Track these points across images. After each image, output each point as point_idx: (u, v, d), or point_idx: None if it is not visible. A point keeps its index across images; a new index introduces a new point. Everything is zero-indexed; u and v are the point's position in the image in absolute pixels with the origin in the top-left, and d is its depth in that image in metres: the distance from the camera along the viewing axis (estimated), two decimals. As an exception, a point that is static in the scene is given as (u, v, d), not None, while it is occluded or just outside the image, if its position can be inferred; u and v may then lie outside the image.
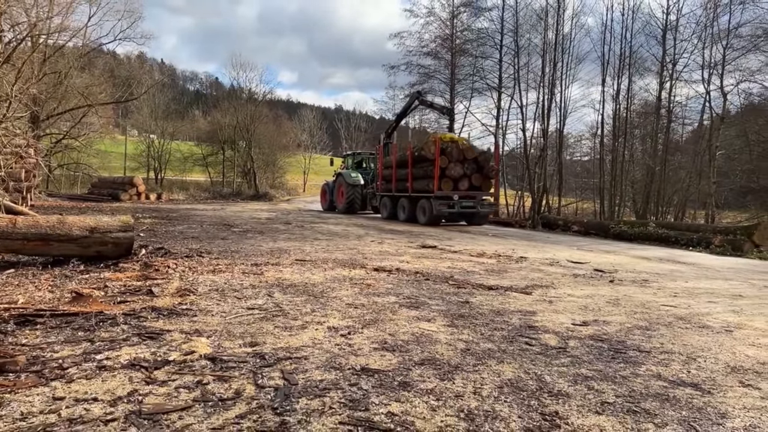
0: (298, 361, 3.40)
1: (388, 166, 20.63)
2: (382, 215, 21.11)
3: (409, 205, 18.65)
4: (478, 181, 17.61)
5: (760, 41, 21.77)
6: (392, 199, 20.14)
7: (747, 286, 7.39)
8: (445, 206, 16.89)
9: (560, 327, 4.58)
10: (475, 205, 17.52)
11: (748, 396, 3.12)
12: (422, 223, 17.59)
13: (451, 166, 17.03)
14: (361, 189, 23.53)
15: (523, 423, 2.63)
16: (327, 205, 25.92)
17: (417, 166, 18.18)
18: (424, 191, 17.54)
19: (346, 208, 23.51)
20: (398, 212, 19.52)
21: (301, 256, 8.58)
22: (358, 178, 23.67)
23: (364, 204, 23.62)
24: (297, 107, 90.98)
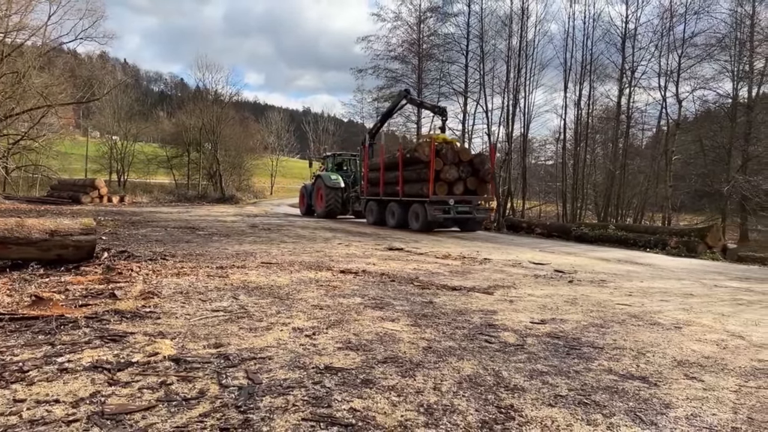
0: (262, 361, 3.44)
1: (375, 168, 19.35)
2: (367, 221, 19.80)
3: (400, 210, 17.53)
4: (474, 184, 16.67)
5: (714, 50, 22.66)
6: (380, 204, 18.95)
7: (698, 285, 7.72)
8: (440, 211, 15.87)
9: (519, 325, 4.73)
10: (471, 211, 16.57)
11: (692, 387, 3.30)
12: (415, 229, 16.61)
13: (446, 168, 16.01)
14: (341, 192, 22.35)
15: (479, 416, 2.74)
16: (305, 210, 24.72)
17: (408, 169, 17.14)
18: (417, 195, 16.53)
19: (326, 213, 22.38)
20: (387, 218, 18.34)
21: (267, 258, 8.58)
22: (338, 180, 22.39)
23: (344, 208, 22.57)
24: (264, 109, 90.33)
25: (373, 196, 19.44)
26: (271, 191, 62.06)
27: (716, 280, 8.39)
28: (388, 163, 18.42)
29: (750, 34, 24.27)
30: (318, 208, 23.10)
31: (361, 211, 20.85)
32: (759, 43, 24.08)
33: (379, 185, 18.69)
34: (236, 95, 51.26)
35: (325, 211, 22.32)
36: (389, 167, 18.30)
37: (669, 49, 23.45)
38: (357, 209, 21.59)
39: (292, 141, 72.00)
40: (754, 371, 3.68)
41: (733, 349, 4.23)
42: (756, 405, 3.05)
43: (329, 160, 24.92)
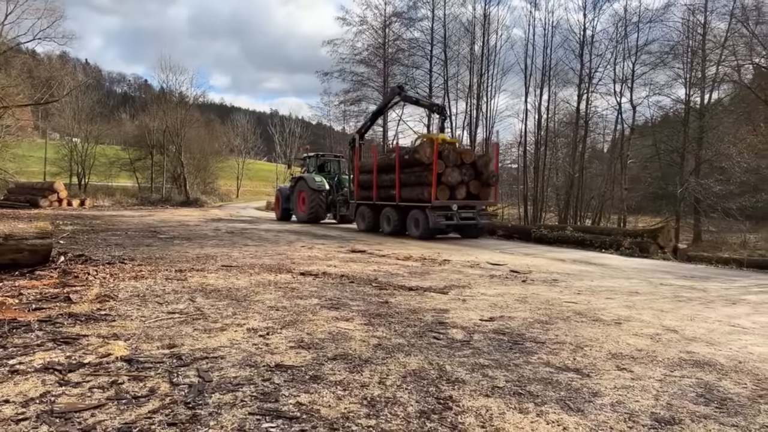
0: (214, 361, 3.54)
1: (367, 170, 17.81)
2: (358, 227, 18.27)
3: (397, 216, 16.15)
4: (477, 188, 15.50)
5: (667, 58, 23.52)
6: (373, 209, 17.39)
7: (645, 284, 8.07)
8: (443, 218, 14.71)
9: (468, 323, 4.93)
10: (474, 216, 15.45)
11: (621, 378, 3.53)
12: (415, 236, 15.34)
13: (447, 171, 14.76)
14: (326, 195, 20.97)
15: (419, 407, 2.91)
16: (282, 214, 23.25)
17: (406, 171, 15.75)
18: (417, 200, 15.19)
19: (310, 217, 20.90)
20: (381, 224, 16.88)
21: (228, 262, 8.62)
22: (323, 183, 20.98)
23: (329, 212, 21.32)
24: (231, 111, 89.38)
25: (364, 201, 17.96)
26: (237, 194, 61.47)
27: (663, 278, 8.78)
28: (382, 165, 17.03)
29: (702, 42, 25.26)
30: (299, 212, 21.64)
31: (349, 216, 19.55)
32: (710, 51, 25.09)
33: (372, 189, 17.22)
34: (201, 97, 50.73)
35: (308, 215, 20.93)
36: (384, 169, 16.90)
37: (624, 57, 24.28)
38: (344, 214, 20.28)
39: (258, 143, 71.49)
40: (680, 362, 3.94)
41: (665, 342, 4.50)
42: (677, 392, 3.30)
43: (311, 161, 23.19)
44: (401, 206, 15.99)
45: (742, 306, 6.47)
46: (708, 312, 5.95)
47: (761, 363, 4.01)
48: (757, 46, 22.83)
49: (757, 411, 3.06)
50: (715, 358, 4.07)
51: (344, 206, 20.09)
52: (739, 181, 23.19)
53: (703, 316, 5.71)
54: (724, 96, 27.01)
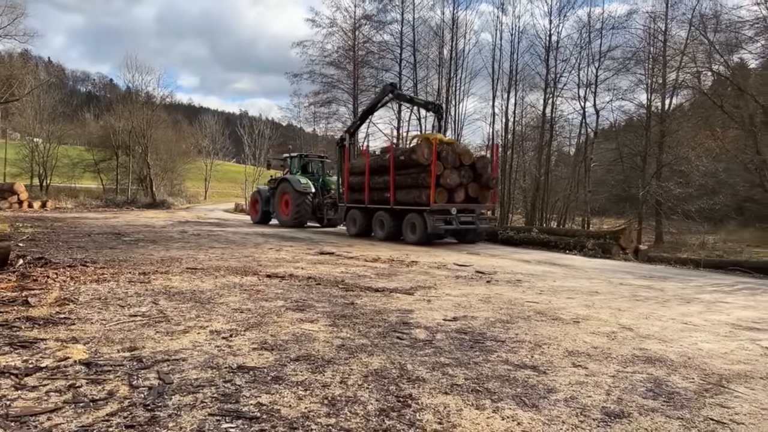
0: (176, 363, 3.53)
1: (358, 171, 16.92)
2: (348, 231, 17.39)
3: (392, 220, 15.35)
4: (476, 191, 14.83)
5: (629, 63, 24.16)
6: (365, 213, 16.53)
7: (605, 284, 8.30)
8: (442, 222, 13.98)
9: (432, 323, 5.01)
10: (474, 221, 14.76)
11: (576, 374, 3.65)
12: (412, 242, 14.54)
13: (446, 173, 14.07)
14: (311, 198, 19.99)
15: (379, 405, 2.96)
16: (260, 217, 22.11)
17: (402, 173, 14.96)
18: (415, 203, 14.46)
19: (295, 221, 19.94)
20: (374, 228, 16.09)
21: (193, 264, 8.54)
22: (308, 185, 19.94)
23: (314, 216, 20.42)
24: (199, 112, 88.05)
25: (355, 204, 17.02)
26: (205, 196, 60.66)
27: (623, 279, 9.03)
28: (375, 166, 16.11)
29: (663, 49, 26.02)
30: (282, 215, 20.65)
31: (337, 219, 18.90)
32: (671, 58, 25.85)
33: (364, 191, 16.30)
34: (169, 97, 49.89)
35: (293, 219, 19.92)
36: (377, 170, 16.00)
37: (588, 62, 24.89)
38: (332, 218, 19.50)
39: (227, 145, 70.66)
40: (633, 359, 4.08)
41: (620, 340, 4.66)
42: (628, 387, 3.43)
43: (294, 162, 21.93)
44: (396, 210, 15.23)
45: (696, 305, 6.71)
46: (663, 311, 6.16)
47: (709, 359, 4.18)
48: (715, 53, 23.63)
49: (702, 404, 3.20)
50: (666, 355, 4.23)
51: (332, 209, 19.34)
52: (697, 184, 23.94)
53: (658, 314, 5.91)
54: (684, 101, 27.87)
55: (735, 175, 23.44)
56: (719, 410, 3.11)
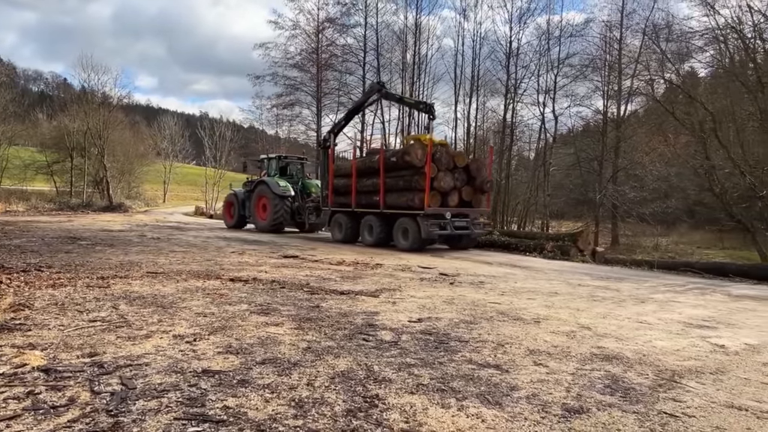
0: (139, 368, 3.48)
1: (344, 174, 16.14)
2: (333, 237, 16.48)
3: (382, 225, 14.60)
4: (469, 195, 14.33)
5: (587, 71, 24.86)
6: (351, 217, 15.75)
7: (564, 285, 8.52)
8: (436, 227, 13.38)
9: (397, 324, 5.06)
10: (468, 225, 14.17)
11: (537, 372, 3.76)
12: (404, 248, 13.84)
13: (440, 175, 13.45)
14: (291, 201, 19.16)
15: (346, 406, 2.98)
16: (235, 221, 21.29)
17: (393, 175, 14.30)
18: (407, 207, 13.79)
19: (273, 225, 19.02)
20: (362, 233, 15.24)
21: (154, 268, 8.37)
22: (287, 188, 19.10)
23: (293, 220, 19.59)
24: (158, 113, 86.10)
25: (341, 208, 16.23)
26: (164, 199, 59.32)
27: (581, 280, 9.29)
28: (363, 168, 15.35)
29: (618, 57, 26.87)
30: (259, 219, 19.73)
31: (319, 224, 18.44)
32: (625, 66, 26.72)
33: (351, 194, 15.50)
34: (126, 98, 48.61)
35: (271, 223, 19.02)
36: (365, 173, 15.27)
37: (547, 69, 25.53)
38: (314, 222, 18.81)
39: (187, 147, 69.31)
40: (592, 356, 4.22)
41: (579, 338, 4.81)
42: (586, 384, 3.55)
43: (272, 163, 20.89)
44: (386, 214, 14.48)
45: (650, 304, 6.97)
46: (619, 310, 6.37)
47: (662, 355, 4.36)
48: (668, 62, 24.53)
49: (656, 399, 3.34)
50: (622, 352, 4.39)
51: (313, 214, 18.57)
52: (651, 188, 24.79)
53: (615, 314, 6.12)
54: (639, 108, 28.80)
55: (686, 180, 24.35)
56: (672, 404, 3.25)
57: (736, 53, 21.44)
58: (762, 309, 7.06)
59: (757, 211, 18.86)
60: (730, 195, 19.55)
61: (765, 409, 3.24)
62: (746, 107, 19.50)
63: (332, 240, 16.28)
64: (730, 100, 20.13)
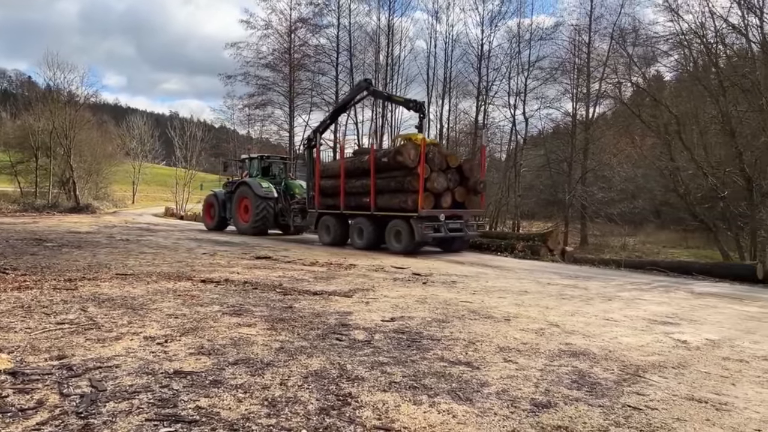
0: (108, 370, 3.44)
1: (332, 174, 15.51)
2: (321, 240, 15.82)
3: (372, 227, 14.07)
4: (462, 196, 13.87)
5: (556, 74, 25.30)
6: (340, 219, 15.20)
7: (534, 284, 8.68)
8: (431, 229, 12.92)
9: (371, 324, 5.10)
10: (462, 227, 13.74)
11: (507, 369, 3.84)
12: (397, 251, 13.34)
13: (433, 176, 13.00)
14: (274, 203, 18.50)
15: (319, 404, 3.01)
16: (216, 223, 20.55)
17: (384, 176, 13.76)
18: (399, 209, 13.28)
19: (256, 228, 18.33)
20: (352, 236, 14.71)
21: (123, 270, 8.24)
22: (271, 189, 18.47)
23: (276, 222, 18.87)
24: (126, 113, 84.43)
25: (329, 210, 15.59)
26: (133, 200, 58.20)
27: (550, 279, 9.47)
28: (352, 169, 14.74)
29: (587, 60, 27.42)
30: (241, 222, 19.04)
31: (305, 226, 17.82)
32: (594, 69, 27.27)
33: (339, 196, 14.89)
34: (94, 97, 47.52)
35: (254, 226, 18.33)
36: (354, 173, 14.69)
37: (518, 72, 25.92)
38: (299, 225, 18.09)
39: (157, 147, 68.14)
40: (560, 353, 4.33)
41: (548, 336, 4.92)
42: (554, 379, 3.64)
43: (254, 163, 20.26)
44: (377, 216, 13.94)
45: (617, 302, 7.15)
46: (587, 308, 6.53)
47: (627, 351, 4.49)
48: (634, 66, 25.11)
49: (621, 393, 3.45)
50: (589, 349, 4.51)
51: (299, 215, 17.79)
52: (619, 188, 25.33)
53: (583, 311, 6.27)
54: (607, 110, 29.41)
55: (652, 181, 24.94)
56: (636, 398, 3.36)
57: (699, 58, 22.06)
58: (723, 306, 7.31)
59: (719, 212, 19.44)
60: (694, 196, 20.11)
61: (723, 402, 3.37)
62: (709, 110, 20.09)
63: (320, 243, 15.64)
64: (694, 104, 20.72)
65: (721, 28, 19.77)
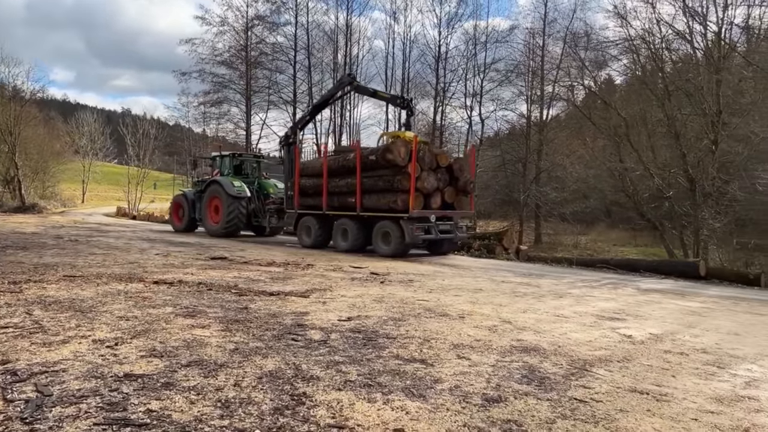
0: (55, 374, 3.35)
1: (313, 173, 14.90)
2: (301, 242, 15.12)
3: (358, 229, 13.47)
4: (452, 196, 13.43)
5: (511, 76, 25.83)
6: (322, 220, 14.49)
7: (489, 282, 8.85)
8: (421, 231, 12.44)
9: (327, 323, 5.11)
10: (452, 229, 13.39)
11: (460, 365, 3.92)
12: (385, 254, 12.79)
13: (423, 176, 12.48)
14: (247, 203, 17.67)
15: (273, 404, 3.01)
16: (185, 224, 19.61)
17: (371, 175, 13.20)
18: (389, 210, 12.72)
19: (227, 229, 17.47)
20: (335, 238, 14.07)
21: (72, 272, 7.99)
22: (243, 188, 17.56)
23: (249, 223, 18.11)
24: (75, 109, 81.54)
25: (310, 210, 14.89)
26: (83, 199, 56.24)
27: (505, 277, 9.68)
28: (336, 167, 14.09)
29: (541, 63, 28.09)
30: (211, 223, 18.13)
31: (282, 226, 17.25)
32: (548, 72, 27.98)
33: (321, 195, 14.22)
34: (40, 92, 45.66)
35: (225, 227, 17.46)
36: (337, 172, 14.06)
37: (474, 73, 26.36)
38: (275, 226, 17.52)
39: (108, 144, 66.04)
40: (511, 349, 4.45)
41: (500, 332, 5.04)
42: (505, 375, 3.74)
43: (225, 161, 19.34)
44: (364, 217, 13.37)
45: (567, 299, 7.38)
46: (539, 305, 6.72)
47: (576, 346, 4.65)
48: (586, 69, 25.89)
49: (568, 386, 3.57)
50: (540, 344, 4.65)
51: (275, 216, 17.11)
52: (572, 189, 26.10)
53: (535, 308, 6.44)
54: (560, 112, 30.25)
55: (603, 181, 25.79)
56: (582, 391, 3.49)
57: (647, 62, 22.94)
58: (666, 301, 7.64)
59: (665, 211, 20.26)
60: (641, 196, 20.88)
61: (664, 393, 3.54)
62: (656, 114, 20.91)
63: (301, 245, 14.93)
64: (642, 107, 21.53)
65: (667, 35, 20.62)
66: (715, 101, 17.86)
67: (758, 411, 3.31)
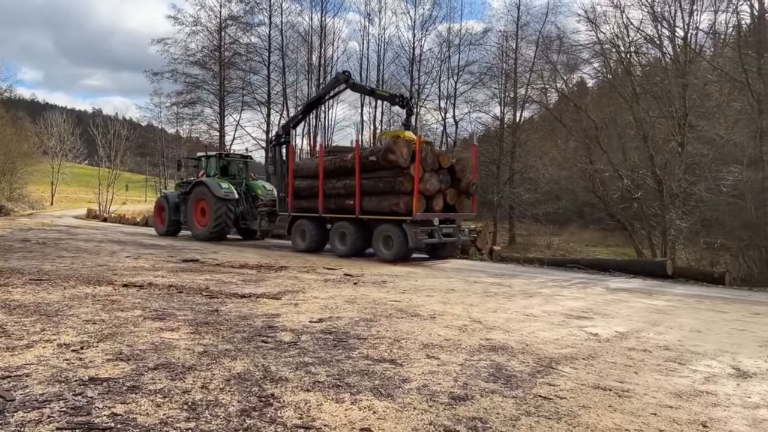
0: (18, 379, 3.29)
1: (308, 174, 14.29)
2: (295, 246, 14.43)
3: (358, 232, 12.89)
4: (453, 198, 13.00)
5: (485, 78, 26.10)
6: (318, 224, 13.96)
7: (461, 282, 8.94)
8: (425, 234, 12.02)
9: (298, 325, 5.11)
10: (455, 232, 13.00)
11: (429, 365, 3.97)
12: (386, 258, 12.23)
13: (425, 177, 12.07)
14: (234, 205, 17.07)
15: (240, 406, 3.01)
16: (167, 227, 18.89)
17: (370, 176, 12.68)
18: (390, 213, 12.23)
19: (214, 232, 16.83)
20: (332, 242, 13.43)
21: (38, 275, 7.83)
22: (231, 190, 16.92)
23: (236, 226, 17.62)
24: (44, 109, 79.75)
25: (304, 213, 14.31)
26: (52, 201, 55.02)
27: (477, 277, 9.77)
28: (332, 168, 13.53)
29: (514, 66, 28.43)
30: (197, 226, 17.44)
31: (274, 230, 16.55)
32: (521, 75, 28.33)
33: (317, 198, 13.69)
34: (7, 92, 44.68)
35: (212, 230, 16.79)
36: (334, 173, 13.50)
37: (448, 76, 26.58)
38: (265, 228, 16.61)
39: (78, 145, 64.70)
40: (480, 348, 4.51)
41: (470, 332, 5.11)
42: (473, 373, 3.80)
43: (211, 162, 18.57)
44: (363, 220, 12.87)
45: (537, 298, 7.50)
46: (509, 304, 6.81)
47: (543, 345, 4.74)
48: (558, 72, 26.30)
49: (534, 384, 3.64)
50: (508, 343, 4.72)
51: (266, 218, 16.25)
52: (544, 190, 26.46)
53: (505, 308, 6.54)
54: (533, 114, 30.64)
55: (575, 183, 26.22)
56: (547, 388, 3.56)
57: (617, 66, 23.42)
58: (633, 300, 7.81)
59: (634, 212, 20.68)
60: (611, 197, 21.28)
61: (626, 389, 3.63)
62: (625, 116, 21.35)
63: (295, 249, 14.28)
64: (612, 109, 21.96)
65: (635, 39, 21.07)
66: (682, 104, 18.32)
67: (715, 405, 3.42)
